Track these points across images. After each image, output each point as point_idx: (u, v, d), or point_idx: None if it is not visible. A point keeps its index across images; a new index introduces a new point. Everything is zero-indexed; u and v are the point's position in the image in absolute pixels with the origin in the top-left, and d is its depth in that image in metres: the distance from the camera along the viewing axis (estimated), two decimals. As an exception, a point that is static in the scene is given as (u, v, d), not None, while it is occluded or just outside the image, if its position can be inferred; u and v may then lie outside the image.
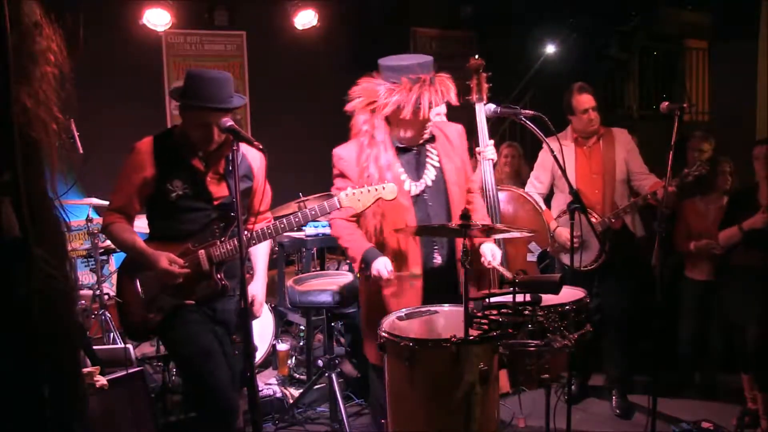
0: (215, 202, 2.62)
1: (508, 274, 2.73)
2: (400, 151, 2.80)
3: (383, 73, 2.71)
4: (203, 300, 2.63)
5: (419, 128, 2.75)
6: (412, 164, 2.82)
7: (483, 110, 3.28)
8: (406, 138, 2.79)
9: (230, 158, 2.56)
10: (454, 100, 2.76)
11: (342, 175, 2.80)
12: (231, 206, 2.58)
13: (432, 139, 2.86)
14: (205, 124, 2.49)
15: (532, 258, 3.49)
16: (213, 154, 2.61)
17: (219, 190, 2.63)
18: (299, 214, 2.55)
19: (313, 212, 2.56)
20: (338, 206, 2.54)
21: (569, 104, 3.86)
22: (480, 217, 2.95)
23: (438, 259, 2.84)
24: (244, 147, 2.64)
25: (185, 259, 2.56)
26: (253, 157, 2.72)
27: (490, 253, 2.83)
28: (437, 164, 2.84)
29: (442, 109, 3.49)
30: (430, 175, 2.82)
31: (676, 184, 3.54)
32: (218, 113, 2.46)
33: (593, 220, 3.60)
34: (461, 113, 3.17)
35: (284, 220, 2.59)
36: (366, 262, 2.73)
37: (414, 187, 2.78)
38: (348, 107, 2.78)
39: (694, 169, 3.54)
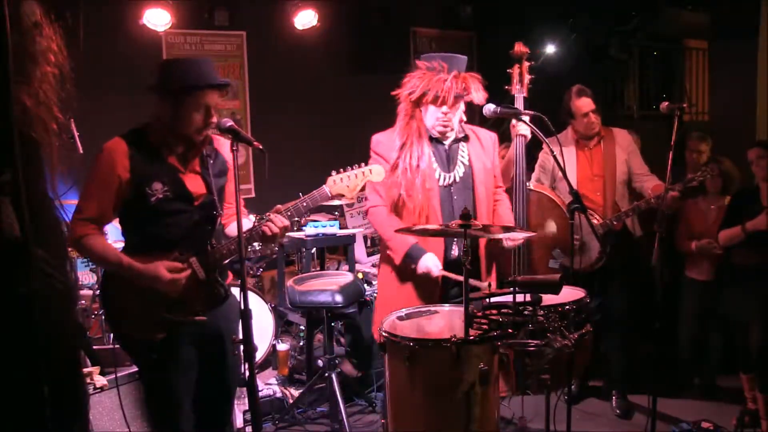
0: (196, 203, 2.48)
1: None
2: (434, 141, 2.92)
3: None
4: (204, 311, 2.49)
5: (437, 115, 2.85)
6: (443, 157, 2.94)
7: (521, 102, 3.29)
8: (430, 126, 2.90)
9: (205, 155, 2.51)
10: (477, 98, 2.84)
11: (378, 157, 2.91)
12: (212, 205, 2.50)
13: (465, 138, 2.99)
14: (204, 105, 2.38)
15: (554, 264, 3.45)
16: (189, 151, 2.49)
17: (198, 189, 2.49)
18: (291, 208, 2.49)
19: (305, 204, 2.50)
20: (329, 195, 2.51)
21: (568, 108, 3.85)
22: (503, 215, 3.09)
23: (455, 251, 2.91)
24: (214, 139, 2.56)
25: None
26: (226, 151, 2.61)
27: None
28: (467, 162, 2.96)
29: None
30: (459, 171, 2.94)
31: (679, 189, 3.54)
32: (214, 93, 2.40)
33: (594, 221, 3.59)
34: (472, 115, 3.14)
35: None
36: (412, 259, 2.82)
37: (443, 178, 2.90)
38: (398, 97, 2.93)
39: (698, 175, 3.54)
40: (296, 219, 2.58)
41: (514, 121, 3.39)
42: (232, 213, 2.58)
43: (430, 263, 2.80)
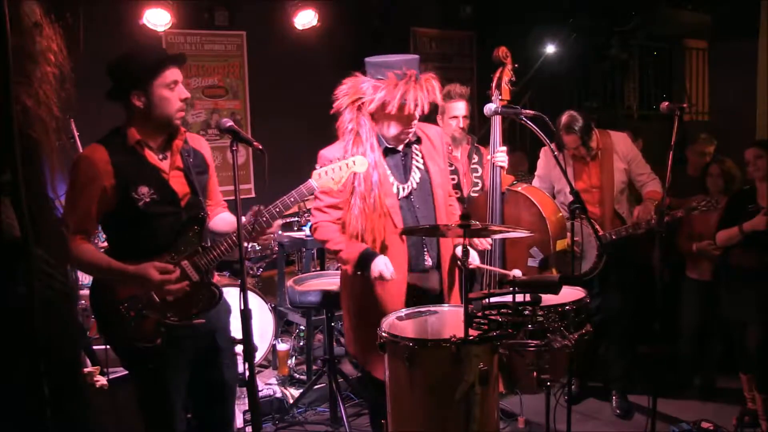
0: (182, 203, 2.45)
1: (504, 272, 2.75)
2: (387, 152, 2.75)
3: (369, 71, 2.66)
4: (201, 313, 2.47)
5: (404, 126, 2.68)
6: (399, 166, 2.77)
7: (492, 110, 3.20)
8: (391, 137, 2.72)
9: (186, 152, 2.49)
10: (439, 100, 2.72)
11: None
12: (198, 206, 2.49)
13: (417, 140, 2.82)
14: (172, 81, 2.36)
15: (533, 263, 3.46)
16: (170, 142, 2.46)
17: (182, 188, 2.46)
18: (279, 203, 2.49)
19: (292, 199, 2.50)
20: (315, 188, 2.49)
21: (559, 138, 3.81)
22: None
23: (429, 261, 2.81)
24: (190, 137, 2.55)
25: None
26: (201, 146, 2.60)
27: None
28: (422, 166, 2.80)
29: (462, 111, 3.45)
30: (415, 177, 2.78)
31: (682, 213, 3.54)
32: (176, 68, 2.39)
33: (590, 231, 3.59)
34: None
35: (266, 214, 2.51)
36: (364, 263, 2.65)
37: (401, 190, 2.74)
38: (335, 106, 2.71)
39: (703, 205, 3.53)
40: (298, 218, 2.59)
41: (492, 153, 3.39)
42: (212, 209, 2.62)
43: (382, 266, 2.61)
